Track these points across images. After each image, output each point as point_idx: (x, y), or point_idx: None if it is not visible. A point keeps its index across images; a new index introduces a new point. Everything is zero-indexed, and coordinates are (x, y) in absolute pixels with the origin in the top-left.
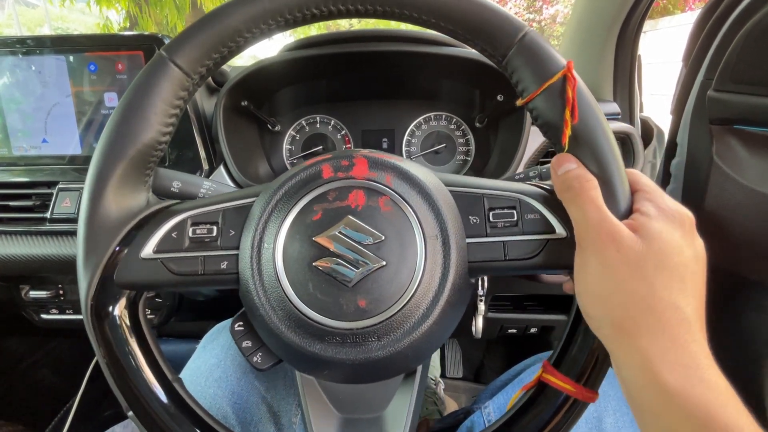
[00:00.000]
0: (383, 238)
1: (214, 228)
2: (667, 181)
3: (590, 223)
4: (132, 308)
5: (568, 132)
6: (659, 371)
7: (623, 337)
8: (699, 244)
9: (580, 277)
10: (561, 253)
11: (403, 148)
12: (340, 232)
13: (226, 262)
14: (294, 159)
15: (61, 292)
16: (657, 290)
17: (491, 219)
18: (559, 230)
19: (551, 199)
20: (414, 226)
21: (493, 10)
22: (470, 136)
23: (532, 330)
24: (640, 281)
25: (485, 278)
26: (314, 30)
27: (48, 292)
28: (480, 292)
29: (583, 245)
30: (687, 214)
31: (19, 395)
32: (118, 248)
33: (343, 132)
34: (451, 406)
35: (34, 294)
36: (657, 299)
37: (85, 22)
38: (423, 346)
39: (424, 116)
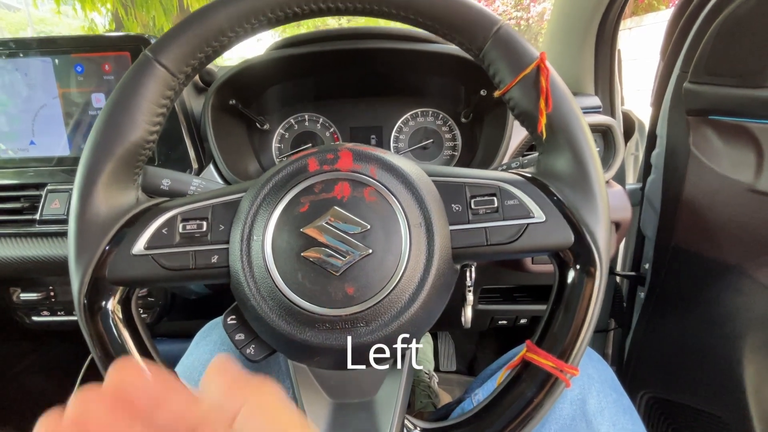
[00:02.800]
0: (369, 227)
1: (204, 223)
2: (649, 172)
3: None
4: (125, 304)
5: (543, 120)
6: None
7: None
8: None
9: None
10: (540, 237)
11: (391, 144)
12: (327, 223)
13: (216, 256)
14: (284, 157)
15: (52, 293)
16: None
17: (473, 206)
18: (538, 215)
19: (529, 186)
20: (398, 215)
21: (468, 5)
22: (457, 131)
23: (522, 321)
24: None
25: (473, 269)
26: (303, 29)
27: (39, 294)
28: (468, 282)
29: None
30: None
31: (11, 399)
32: (109, 245)
33: (331, 130)
34: (444, 399)
35: (25, 296)
36: None
37: (69, 24)
38: (410, 330)
39: (411, 112)
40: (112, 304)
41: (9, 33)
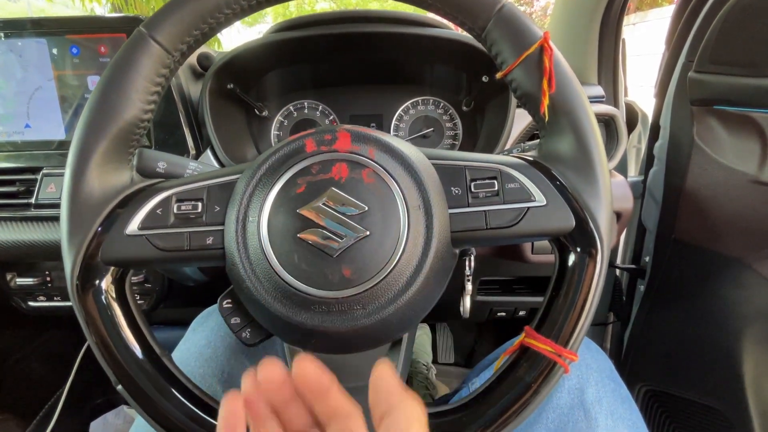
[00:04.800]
0: (366, 208)
1: (199, 204)
2: (651, 164)
3: None
4: (119, 285)
5: (546, 101)
6: None
7: None
8: None
9: None
10: (540, 221)
11: (392, 133)
12: (324, 204)
13: (211, 238)
14: None
15: (48, 278)
16: None
17: (473, 189)
18: (539, 198)
19: (531, 169)
20: (397, 197)
21: None
22: (458, 120)
23: (521, 313)
24: None
25: (472, 258)
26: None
27: (35, 279)
28: (467, 271)
29: None
30: None
31: (9, 387)
32: (102, 226)
33: (331, 117)
34: (442, 390)
35: (21, 281)
36: None
37: (69, 15)
38: (408, 314)
39: (412, 101)
40: (105, 285)
41: None
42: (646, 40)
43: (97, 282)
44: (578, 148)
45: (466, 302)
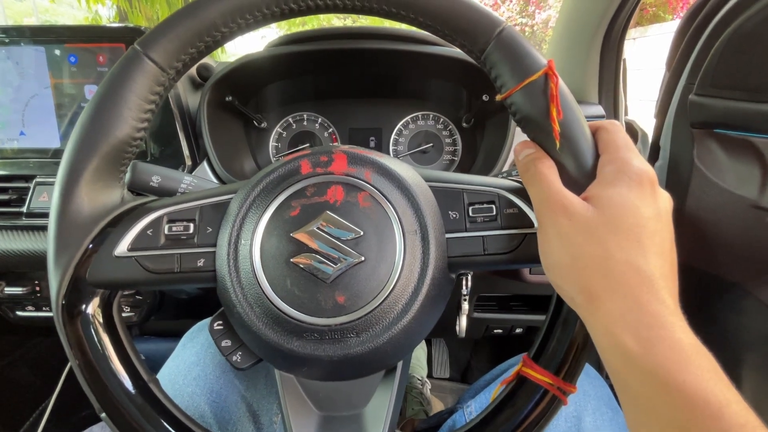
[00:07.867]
0: (362, 233)
1: (191, 225)
2: None
3: (543, 198)
4: (106, 308)
5: (557, 128)
6: (618, 333)
7: (590, 302)
8: (661, 202)
9: (544, 251)
10: (539, 248)
11: (390, 147)
12: (318, 228)
13: (203, 260)
14: (280, 156)
15: (37, 288)
16: (613, 253)
17: (471, 214)
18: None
19: None
20: (393, 222)
21: (470, 5)
22: (457, 136)
23: (518, 330)
24: (595, 246)
25: (469, 277)
26: (309, 26)
27: (24, 289)
28: (464, 291)
29: (541, 220)
30: (647, 173)
31: None
32: (90, 246)
33: (330, 130)
34: (437, 406)
35: (10, 290)
36: (614, 261)
37: (74, 16)
38: (403, 342)
39: (412, 116)
40: (92, 308)
41: (13, 22)
42: (646, 55)
43: (84, 304)
44: (579, 174)
45: (462, 322)
